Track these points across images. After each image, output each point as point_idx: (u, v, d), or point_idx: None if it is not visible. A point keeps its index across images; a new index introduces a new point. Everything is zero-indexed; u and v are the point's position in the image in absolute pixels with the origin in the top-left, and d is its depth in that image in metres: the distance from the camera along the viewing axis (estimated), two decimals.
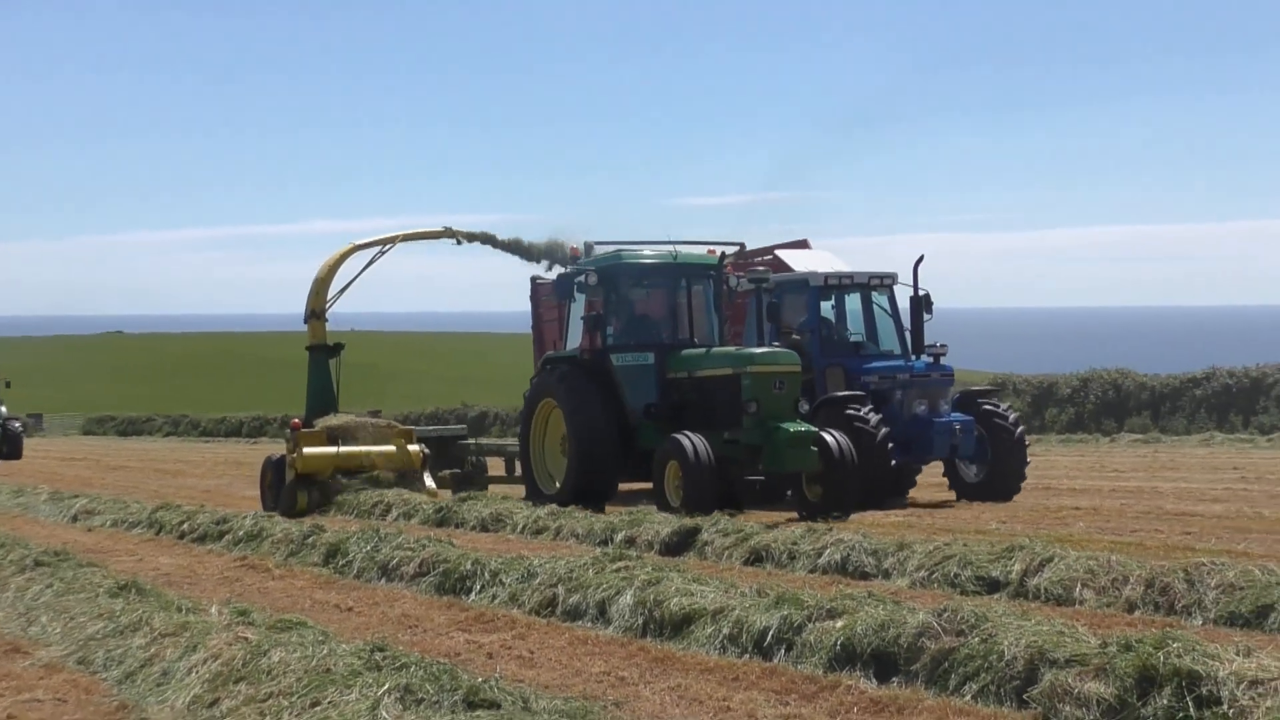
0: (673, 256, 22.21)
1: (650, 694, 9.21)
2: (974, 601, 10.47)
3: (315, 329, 26.17)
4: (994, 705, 8.32)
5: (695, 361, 21.29)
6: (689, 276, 22.39)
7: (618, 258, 22.19)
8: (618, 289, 22.17)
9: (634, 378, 21.63)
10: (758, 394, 20.02)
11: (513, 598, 12.76)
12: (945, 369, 23.25)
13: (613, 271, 22.03)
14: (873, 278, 23.67)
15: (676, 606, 11.03)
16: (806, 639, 9.78)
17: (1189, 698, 7.48)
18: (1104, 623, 10.35)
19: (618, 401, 21.55)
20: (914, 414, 22.45)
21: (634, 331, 22.32)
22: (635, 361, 21.74)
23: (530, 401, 22.66)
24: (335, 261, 26.36)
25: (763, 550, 14.74)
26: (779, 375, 20.21)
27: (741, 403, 20.07)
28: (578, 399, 21.42)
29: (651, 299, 23.03)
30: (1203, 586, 10.88)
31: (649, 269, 22.38)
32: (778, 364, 20.31)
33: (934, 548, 13.36)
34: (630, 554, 14.09)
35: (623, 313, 22.36)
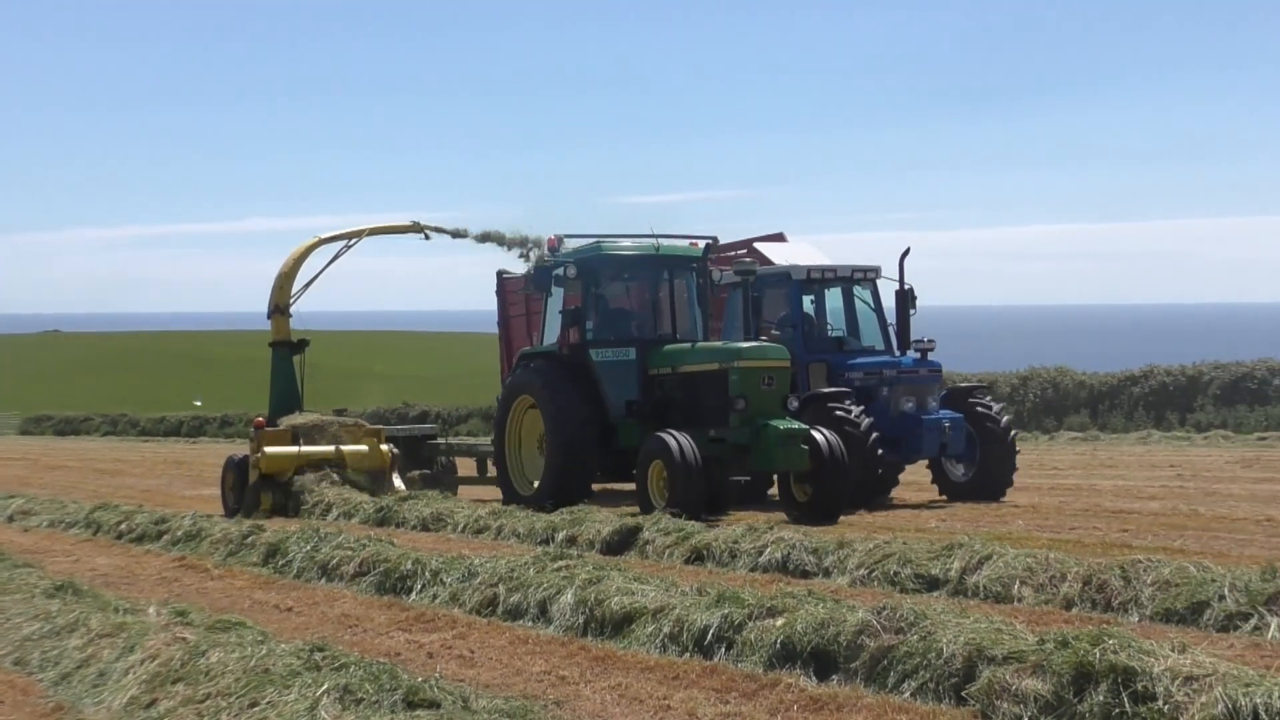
0: (655, 249, 21.51)
1: (591, 693, 9.21)
2: (913, 599, 10.54)
3: (279, 325, 25.57)
4: (933, 702, 8.37)
5: (679, 357, 20.63)
6: (672, 269, 21.67)
7: (598, 249, 21.44)
8: (598, 282, 21.42)
9: (615, 374, 20.90)
10: (746, 390, 19.38)
11: (453, 597, 12.74)
12: (933, 365, 22.70)
13: (593, 263, 21.30)
14: (856, 271, 23.12)
15: (617, 605, 11.04)
16: (747, 637, 9.80)
17: (1125, 694, 7.53)
18: (1042, 620, 10.42)
19: (597, 398, 20.85)
20: (902, 411, 21.94)
21: (615, 326, 21.61)
22: (616, 357, 21.01)
23: (506, 398, 22.02)
24: (300, 255, 25.77)
25: (704, 549, 14.75)
26: (768, 371, 19.56)
27: (729, 399, 19.46)
28: (556, 395, 20.71)
29: (633, 292, 22.32)
30: (1139, 584, 10.97)
31: (630, 261, 21.72)
32: (766, 359, 19.67)
33: (874, 546, 13.42)
34: (571, 553, 14.10)
35: (603, 306, 21.62)
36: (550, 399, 20.69)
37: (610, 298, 21.93)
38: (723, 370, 19.65)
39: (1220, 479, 24.40)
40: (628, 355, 20.94)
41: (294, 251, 25.91)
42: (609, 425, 20.73)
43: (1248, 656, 8.82)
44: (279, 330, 25.62)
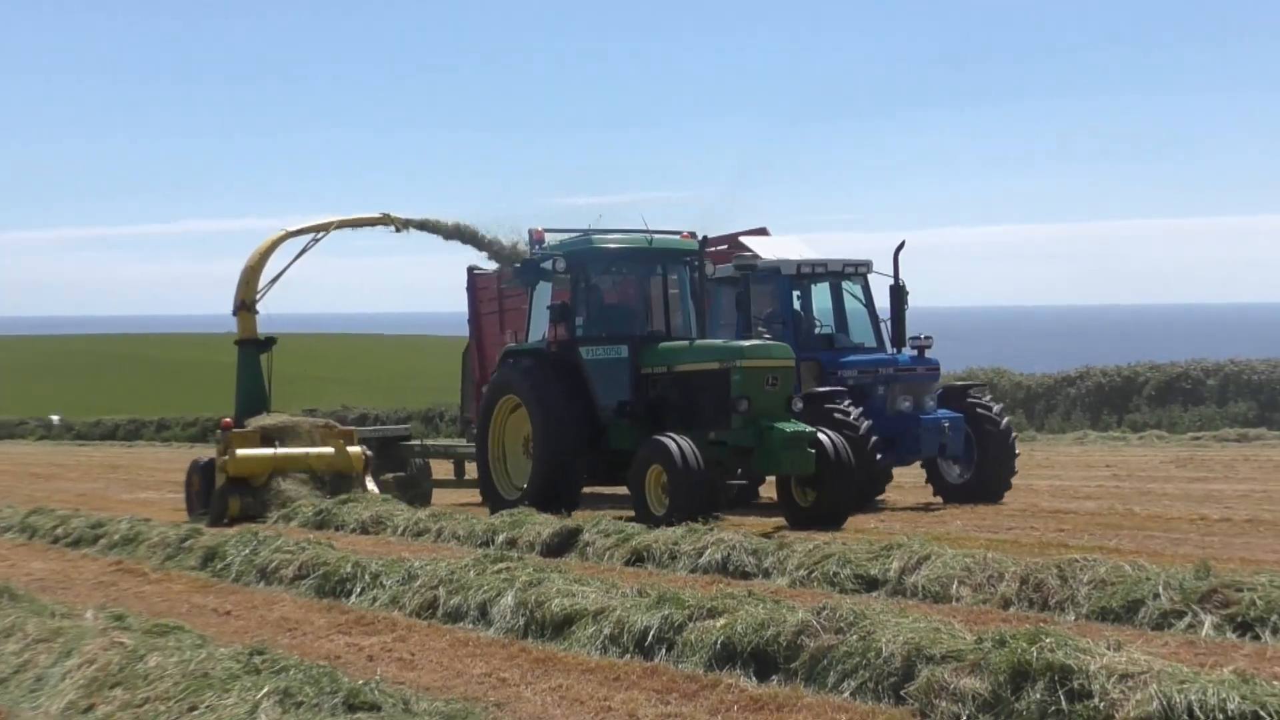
0: (647, 241, 20.49)
1: (531, 695, 9.21)
2: (853, 599, 10.58)
3: (245, 322, 24.65)
4: (872, 702, 8.41)
5: (675, 355, 19.70)
6: (665, 263, 20.63)
7: (588, 242, 20.38)
8: (588, 276, 20.34)
9: (605, 372, 19.89)
10: (749, 391, 18.47)
11: (393, 600, 12.71)
12: (931, 363, 21.98)
13: (583, 256, 20.23)
14: (847, 265, 22.38)
15: (558, 607, 11.04)
16: (687, 638, 9.82)
17: (1061, 691, 7.60)
18: (980, 619, 10.49)
19: (587, 398, 19.82)
20: (899, 411, 21.28)
21: (605, 322, 20.59)
22: (607, 355, 20.00)
23: (489, 398, 20.93)
24: (266, 249, 24.86)
25: (644, 550, 14.78)
26: (772, 371, 18.65)
27: (730, 400, 18.52)
28: (544, 395, 19.66)
29: (624, 287, 21.39)
30: (1075, 583, 11.06)
31: (622, 254, 20.61)
32: (771, 358, 18.76)
33: (813, 546, 13.48)
34: (511, 555, 14.12)
35: (593, 301, 20.58)
36: (537, 399, 19.73)
37: (601, 292, 20.99)
38: (724, 370, 18.81)
39: (1155, 478, 24.65)
40: (619, 353, 20.00)
41: (260, 246, 24.99)
42: (599, 426, 19.79)
43: (1182, 654, 8.90)
44: (245, 327, 24.70)
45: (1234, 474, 25.29)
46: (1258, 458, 28.82)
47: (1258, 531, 16.61)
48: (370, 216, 26.22)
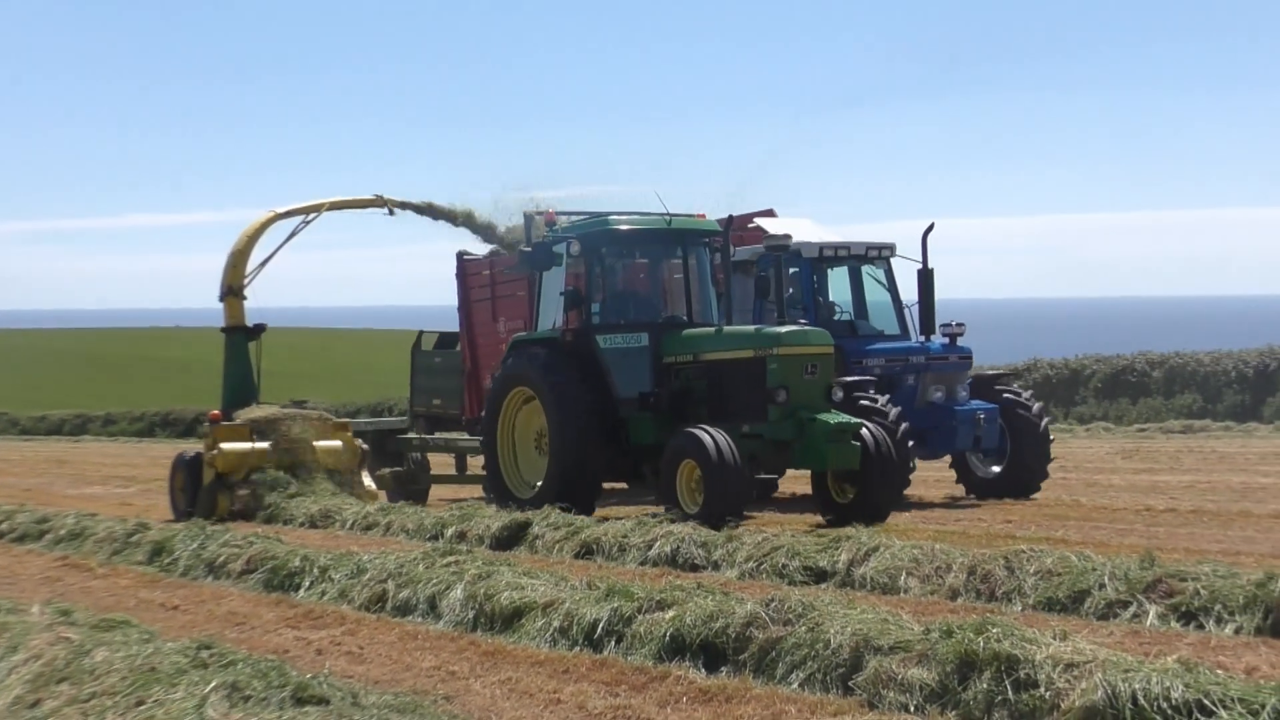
0: (666, 222, 19.22)
1: (481, 687, 9.21)
2: (801, 591, 10.59)
3: (232, 308, 23.53)
4: (820, 693, 8.44)
5: (702, 343, 18.50)
6: (685, 245, 19.40)
7: (604, 223, 19.18)
8: (604, 259, 19.17)
9: (623, 362, 18.72)
10: (787, 380, 17.34)
11: (342, 594, 12.69)
12: (964, 351, 20.95)
13: (599, 239, 19.03)
14: (870, 249, 21.40)
15: (507, 600, 11.05)
16: (636, 630, 9.84)
17: (1007, 681, 7.68)
18: (927, 610, 10.55)
19: (604, 390, 18.63)
20: (930, 401, 20.30)
21: (623, 308, 19.43)
22: (625, 343, 18.81)
23: (497, 391, 19.60)
24: (254, 232, 23.83)
25: (593, 543, 14.80)
26: (811, 358, 17.56)
27: (766, 390, 17.38)
28: (560, 387, 18.41)
29: (643, 271, 20.30)
30: (1022, 573, 11.14)
31: (640, 236, 19.39)
32: (809, 345, 17.67)
33: (762, 539, 13.53)
34: (461, 549, 14.10)
35: (610, 287, 19.42)
36: (552, 391, 18.47)
37: (618, 276, 19.85)
38: (759, 358, 17.62)
39: (1101, 470, 24.86)
40: (638, 341, 18.80)
41: (247, 228, 23.96)
42: (618, 419, 18.61)
43: (1127, 643, 8.98)
44: (232, 314, 23.55)
45: (1179, 465, 25.54)
46: (1202, 449, 29.10)
47: (1202, 522, 16.77)
48: (362, 198, 25.39)
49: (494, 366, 25.29)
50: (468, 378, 26.41)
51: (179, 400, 64.25)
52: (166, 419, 60.35)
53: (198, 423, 59.42)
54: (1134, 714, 7.03)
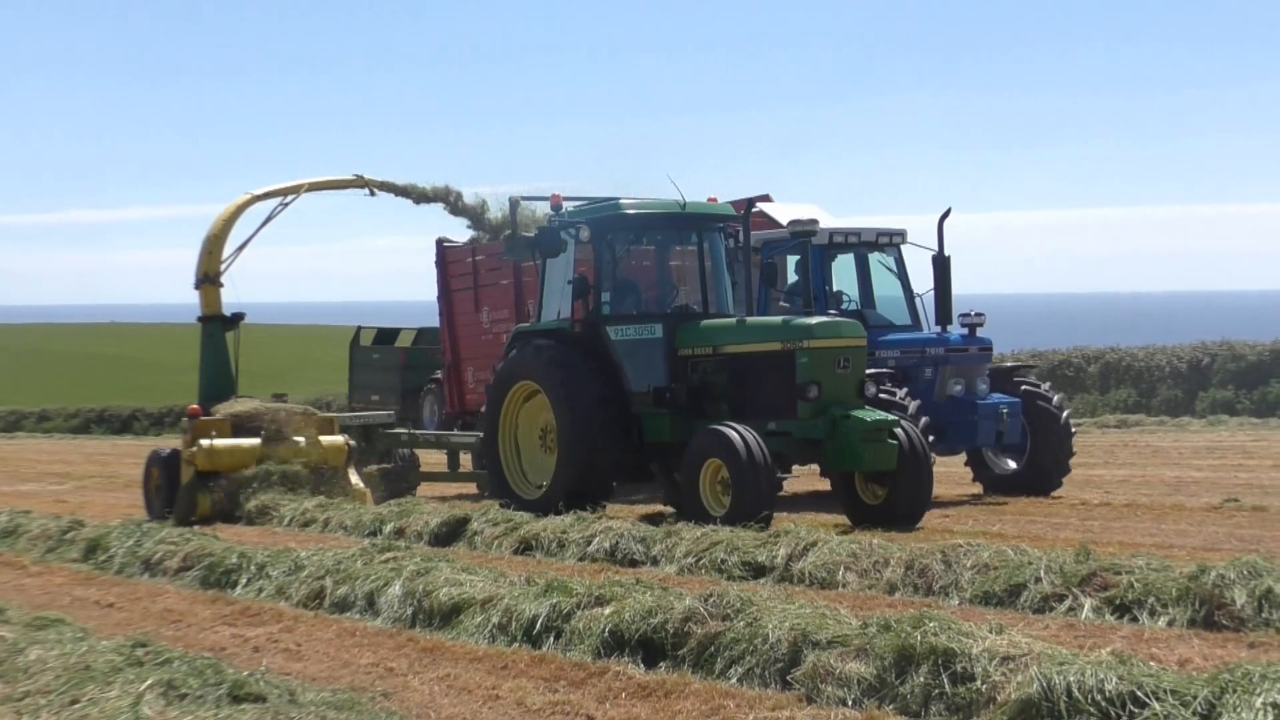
0: (680, 206, 18.12)
1: (419, 684, 9.20)
2: (740, 586, 10.64)
3: (208, 295, 22.33)
4: (758, 687, 8.46)
5: (723, 335, 17.40)
6: (701, 231, 18.30)
7: (615, 207, 18.09)
8: (614, 245, 18.08)
9: (637, 355, 17.70)
10: (818, 375, 16.36)
11: (279, 590, 12.65)
12: (984, 342, 20.05)
13: (611, 224, 17.96)
14: (880, 235, 20.48)
15: (445, 596, 11.03)
16: (575, 626, 9.84)
17: (944, 675, 7.73)
18: (865, 604, 10.58)
19: (616, 384, 17.62)
20: (950, 395, 19.48)
21: (635, 298, 18.43)
22: (638, 335, 17.77)
23: (499, 385, 18.43)
24: (230, 215, 22.71)
25: (532, 539, 14.79)
26: (843, 351, 16.57)
27: (796, 386, 16.38)
28: (570, 381, 17.39)
29: (657, 258, 19.19)
30: (959, 567, 11.20)
31: (653, 221, 18.32)
32: (841, 337, 16.68)
33: (701, 534, 13.55)
34: (399, 545, 14.07)
35: (621, 274, 18.41)
36: (561, 384, 17.44)
37: (630, 264, 18.91)
38: (787, 351, 16.60)
39: None
40: (652, 333, 17.74)
41: (223, 212, 22.85)
42: (630, 415, 17.59)
43: (1062, 636, 9.05)
44: (209, 302, 22.36)
45: (1114, 459, 25.77)
46: (1136, 443, 29.38)
47: (1136, 515, 16.91)
48: (342, 179, 24.40)
49: (476, 358, 25.14)
50: (448, 370, 25.86)
51: (115, 397, 63.84)
52: (102, 415, 60.00)
53: (134, 419, 59.08)
54: (1069, 706, 7.08)
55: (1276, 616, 9.32)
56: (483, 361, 24.45)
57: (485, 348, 24.62)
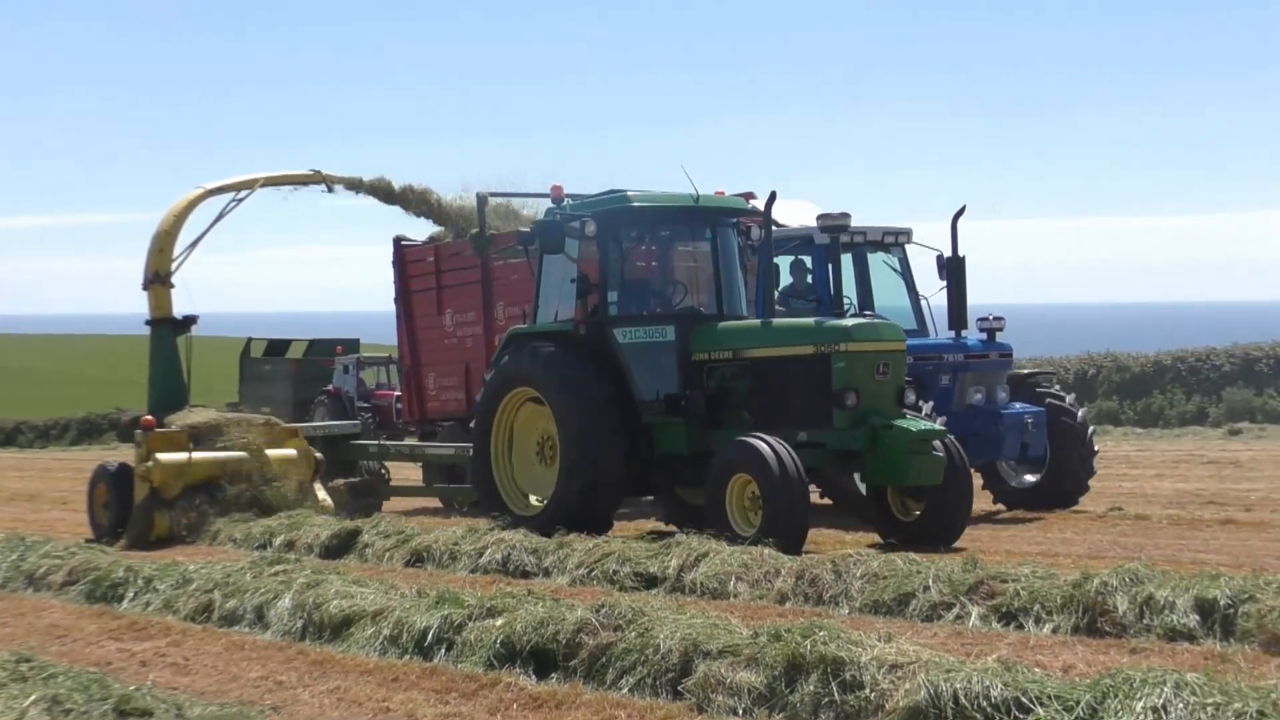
0: (693, 199, 16.84)
1: (309, 697, 9.16)
2: (632, 597, 10.71)
3: (158, 297, 20.90)
4: (650, 697, 8.50)
5: (745, 337, 16.20)
6: (715, 226, 17.03)
7: (623, 199, 16.75)
8: (623, 241, 16.82)
9: (646, 359, 16.36)
10: (857, 381, 15.12)
11: (167, 604, 12.52)
12: (1003, 348, 18.85)
13: (618, 217, 16.62)
14: (886, 234, 19.22)
15: (336, 609, 10.98)
16: (467, 638, 9.84)
17: (834, 683, 7.82)
18: (757, 614, 10.67)
19: (624, 391, 16.27)
20: (970, 404, 18.22)
21: (644, 297, 17.11)
22: (648, 338, 16.44)
23: (493, 391, 16.92)
24: (181, 211, 21.34)
25: (424, 551, 14.74)
26: (883, 355, 15.37)
27: (832, 393, 15.16)
28: (573, 388, 16.02)
29: (668, 255, 17.78)
30: (849, 577, 11.31)
31: (665, 215, 17.06)
32: (880, 340, 15.52)
33: (593, 545, 13.59)
34: (289, 557, 14.03)
35: (629, 272, 17.18)
36: (565, 391, 16.06)
37: (638, 261, 17.67)
38: (821, 355, 15.36)
39: None
40: (663, 335, 16.45)
41: (174, 206, 21.45)
42: (639, 425, 16.26)
43: (950, 644, 9.19)
44: (159, 304, 20.88)
45: None
46: None
47: (1022, 525, 17.14)
48: (300, 174, 23.06)
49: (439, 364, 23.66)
50: (407, 376, 24.57)
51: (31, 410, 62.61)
52: (19, 429, 58.45)
53: (49, 432, 57.84)
54: (955, 713, 7.19)
55: (1157, 622, 9.54)
56: (446, 367, 23.51)
57: (449, 352, 23.44)
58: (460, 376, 22.95)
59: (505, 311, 21.75)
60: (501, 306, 21.91)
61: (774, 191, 16.24)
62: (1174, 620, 9.49)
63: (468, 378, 22.59)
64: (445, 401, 23.53)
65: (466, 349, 22.83)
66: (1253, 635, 9.15)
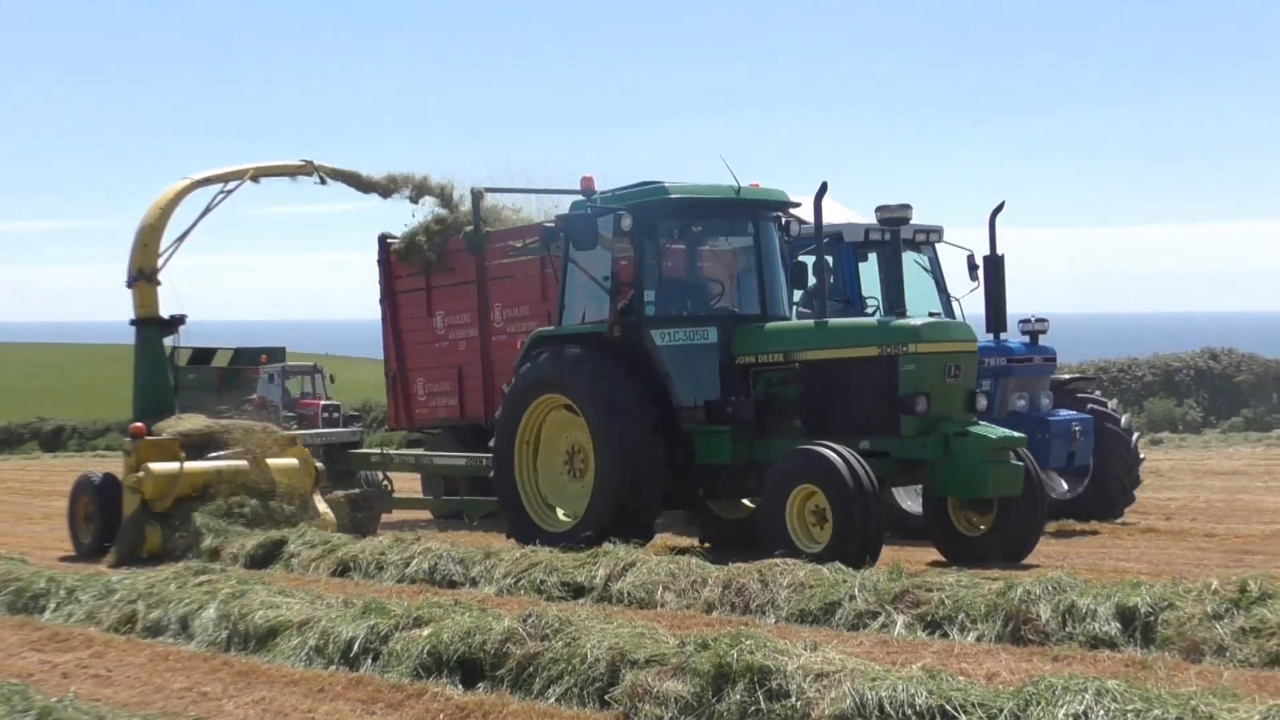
0: (734, 192, 15.93)
1: (234, 708, 9.12)
2: (559, 607, 10.71)
3: (144, 294, 19.87)
4: (577, 707, 8.52)
5: (798, 338, 15.30)
6: (757, 220, 16.10)
7: (662, 192, 15.71)
8: (660, 236, 15.87)
9: (686, 363, 15.47)
10: (927, 385, 14.30)
11: (90, 615, 12.46)
12: (1047, 351, 18.05)
13: (656, 211, 15.68)
14: (917, 232, 18.32)
15: (261, 619, 10.94)
16: (393, 648, 9.82)
17: (760, 692, 7.84)
18: (684, 623, 10.71)
19: (663, 397, 15.36)
20: (1013, 411, 17.36)
21: (683, 297, 16.23)
22: (688, 340, 15.57)
23: (518, 398, 15.98)
24: (167, 204, 20.28)
25: (350, 561, 14.71)
26: (954, 357, 14.51)
27: (900, 399, 14.33)
28: (609, 394, 15.09)
29: (707, 251, 16.88)
30: (776, 586, 11.39)
31: (707, 208, 16.15)
32: (952, 340, 14.69)
33: (520, 555, 13.62)
34: (214, 568, 13.95)
35: (668, 270, 16.21)
36: (601, 402, 15.14)
37: (676, 258, 16.56)
38: (887, 357, 14.53)
39: None
40: (705, 337, 15.62)
41: (159, 199, 20.39)
42: (679, 434, 15.35)
43: (875, 653, 9.28)
44: (144, 302, 19.87)
45: None
46: None
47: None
48: (291, 164, 22.13)
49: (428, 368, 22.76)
50: (392, 381, 23.59)
51: None
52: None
53: None
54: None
55: (1080, 630, 9.66)
56: (436, 372, 22.62)
57: (439, 356, 22.55)
58: (453, 382, 22.21)
59: (503, 313, 21.16)
60: (499, 308, 21.25)
61: (824, 183, 15.28)
62: (1096, 628, 9.62)
63: (461, 383, 22.00)
64: (435, 408, 22.73)
65: (460, 353, 22.06)
66: (1172, 642, 9.29)
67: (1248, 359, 41.44)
